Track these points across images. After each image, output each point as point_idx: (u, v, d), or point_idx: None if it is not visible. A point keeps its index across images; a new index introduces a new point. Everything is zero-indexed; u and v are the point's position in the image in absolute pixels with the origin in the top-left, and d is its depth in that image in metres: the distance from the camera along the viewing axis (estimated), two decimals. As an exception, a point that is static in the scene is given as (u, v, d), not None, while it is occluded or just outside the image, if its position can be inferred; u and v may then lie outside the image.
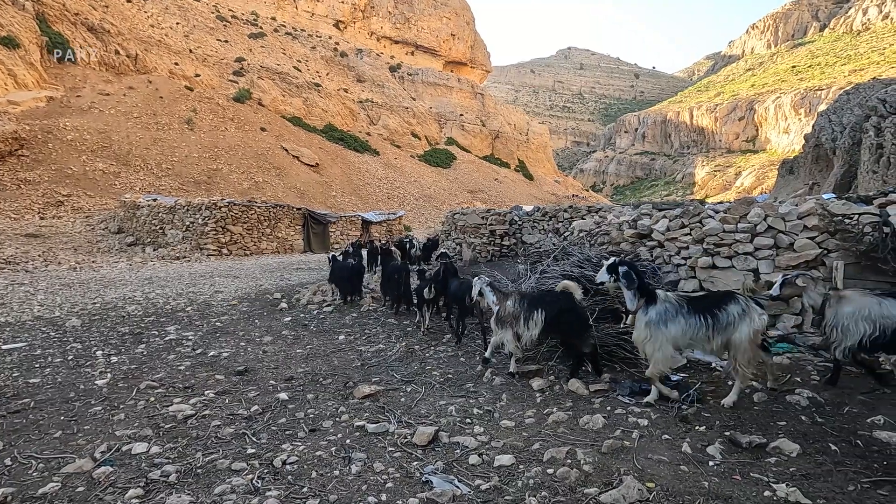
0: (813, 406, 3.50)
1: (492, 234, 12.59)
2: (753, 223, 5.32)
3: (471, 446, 3.22)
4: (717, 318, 3.48)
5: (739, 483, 2.64)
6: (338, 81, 57.35)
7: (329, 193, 37.21)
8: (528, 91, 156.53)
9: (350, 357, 5.48)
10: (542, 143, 74.45)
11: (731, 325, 3.45)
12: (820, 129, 34.57)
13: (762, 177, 78.62)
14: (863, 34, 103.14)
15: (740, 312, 3.45)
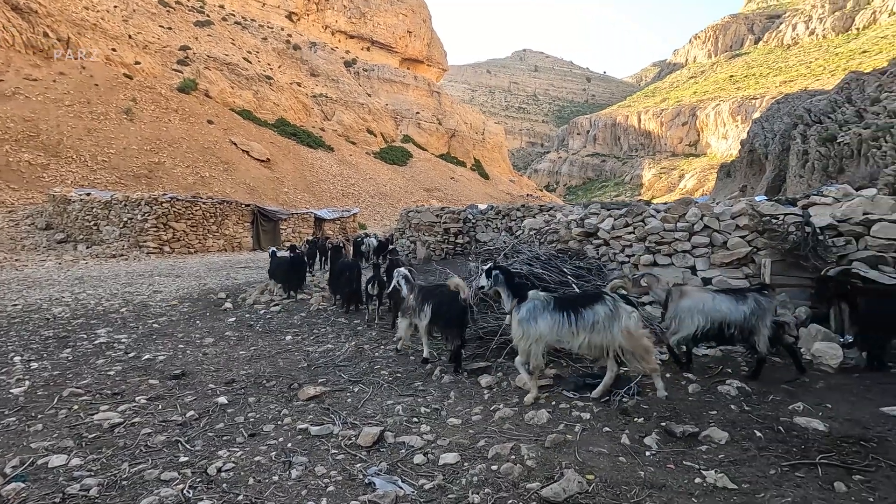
0: (741, 395, 3.70)
1: (446, 232, 12.61)
2: (691, 222, 5.58)
3: (416, 445, 3.18)
4: (582, 317, 3.57)
5: (673, 471, 2.74)
6: (290, 75, 55.75)
7: (281, 190, 36.15)
8: (484, 91, 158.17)
9: (296, 358, 5.31)
10: (497, 143, 75.41)
11: (598, 324, 3.53)
12: (754, 136, 36.97)
13: (703, 179, 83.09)
14: (792, 48, 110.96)
15: (608, 312, 3.53)
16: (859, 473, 2.63)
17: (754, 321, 3.85)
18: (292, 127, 47.63)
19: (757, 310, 3.86)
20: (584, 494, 2.54)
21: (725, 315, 3.92)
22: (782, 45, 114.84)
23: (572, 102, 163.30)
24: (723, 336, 3.97)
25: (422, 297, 4.77)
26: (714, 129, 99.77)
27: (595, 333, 3.52)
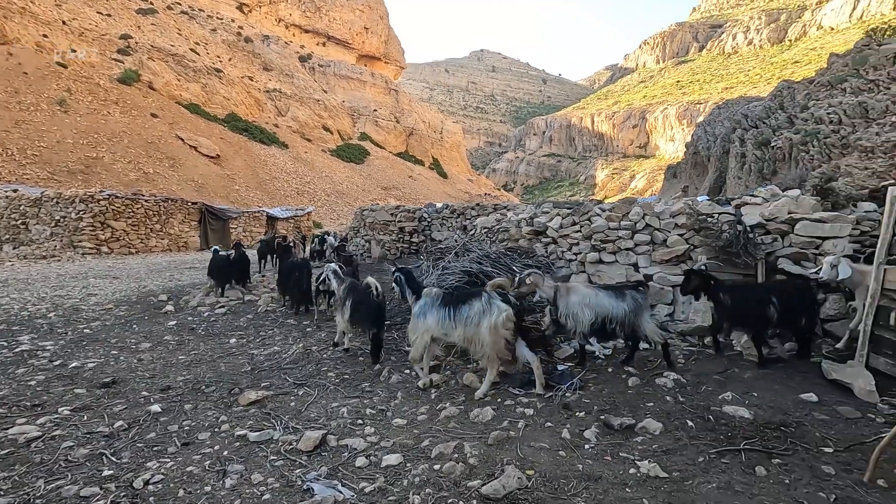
0: (677, 387, 3.86)
1: (401, 231, 12.53)
2: (634, 221, 5.78)
3: (359, 448, 3.13)
4: (459, 311, 3.84)
5: (609, 463, 2.82)
6: (242, 68, 53.86)
7: (232, 187, 34.87)
8: (442, 90, 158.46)
9: (240, 362, 5.12)
10: (456, 142, 75.75)
11: (472, 318, 3.77)
12: (697, 139, 38.89)
13: (653, 180, 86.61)
14: (732, 56, 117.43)
15: (481, 308, 3.76)
16: (778, 457, 2.79)
17: (633, 317, 4.12)
18: (244, 122, 46.07)
19: (635, 306, 4.13)
20: (524, 490, 2.57)
21: (609, 311, 4.15)
22: (724, 53, 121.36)
23: (529, 103, 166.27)
24: (605, 331, 4.20)
25: (345, 292, 5.08)
26: (662, 131, 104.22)
27: (468, 327, 3.77)
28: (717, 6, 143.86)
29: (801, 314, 4.32)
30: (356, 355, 5.19)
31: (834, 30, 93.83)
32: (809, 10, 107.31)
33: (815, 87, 25.25)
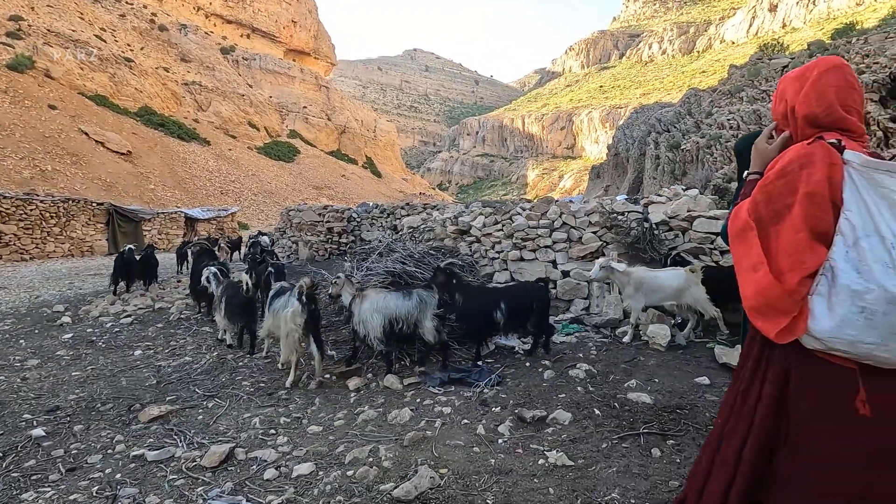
0: (588, 378, 4.05)
1: (330, 231, 12.23)
2: (552, 220, 6.01)
3: (270, 459, 2.99)
4: (273, 304, 4.58)
5: (521, 456, 2.89)
6: (156, 58, 50.09)
7: (146, 187, 32.33)
8: (375, 88, 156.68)
9: (144, 375, 4.74)
10: (390, 141, 75.15)
11: (277, 310, 4.47)
12: (618, 141, 41.29)
13: (579, 180, 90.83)
14: (649, 65, 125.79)
15: (283, 303, 4.41)
16: (672, 438, 3.00)
17: (417, 314, 4.23)
18: (160, 116, 42.88)
19: (420, 304, 4.27)
20: (436, 489, 2.57)
21: (394, 311, 4.27)
22: (641, 61, 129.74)
23: (462, 104, 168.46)
24: (396, 333, 4.28)
25: (221, 292, 5.49)
26: (588, 134, 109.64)
27: (274, 318, 4.45)
28: (635, 17, 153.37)
29: (531, 314, 4.58)
30: (275, 361, 4.98)
31: (734, 43, 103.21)
32: (714, 25, 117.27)
33: (717, 95, 27.62)
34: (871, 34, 22.85)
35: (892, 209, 1.35)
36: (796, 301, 1.41)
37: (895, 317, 1.30)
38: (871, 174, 1.38)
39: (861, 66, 15.94)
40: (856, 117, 1.53)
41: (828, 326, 1.36)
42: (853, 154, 1.40)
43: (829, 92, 1.52)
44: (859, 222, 1.36)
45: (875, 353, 1.34)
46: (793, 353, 1.46)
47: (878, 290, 1.31)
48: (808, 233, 1.40)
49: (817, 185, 1.40)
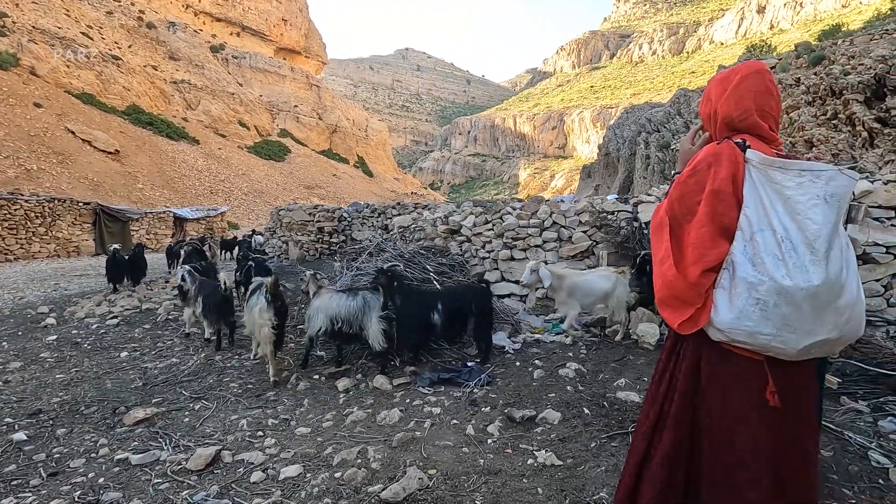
0: (577, 377, 4.06)
1: (320, 231, 12.15)
2: (542, 219, 6.01)
3: (257, 462, 2.96)
4: (250, 301, 4.73)
5: (510, 456, 2.88)
6: (144, 56, 49.52)
7: (134, 186, 31.97)
8: (367, 87, 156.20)
9: (130, 377, 4.68)
10: (381, 141, 74.94)
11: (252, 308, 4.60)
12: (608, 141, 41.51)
13: (571, 179, 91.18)
14: (639, 65, 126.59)
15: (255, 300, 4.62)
16: (661, 437, 3.01)
17: (360, 316, 4.26)
18: (148, 115, 42.42)
19: (364, 306, 4.28)
20: (424, 490, 2.55)
21: (335, 311, 4.31)
22: (632, 61, 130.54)
23: (454, 103, 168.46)
24: (336, 331, 4.33)
25: (196, 289, 5.64)
26: (579, 133, 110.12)
27: (250, 314, 4.59)
28: (625, 17, 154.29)
29: (470, 317, 4.44)
30: (263, 362, 4.93)
31: (723, 44, 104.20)
32: (703, 26, 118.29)
33: (706, 95, 27.83)
34: (857, 36, 23.15)
35: (785, 204, 1.39)
36: (699, 293, 1.46)
37: (786, 308, 1.34)
38: (767, 171, 1.42)
39: (847, 68, 16.14)
40: (770, 122, 1.57)
41: (728, 318, 1.41)
42: (753, 153, 1.45)
43: (747, 97, 1.56)
44: (755, 217, 1.41)
45: (772, 345, 1.38)
46: (703, 346, 1.51)
47: (769, 282, 1.35)
48: (712, 228, 1.45)
49: (722, 182, 1.45)
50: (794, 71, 21.55)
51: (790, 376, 1.43)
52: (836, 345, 1.45)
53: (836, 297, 1.35)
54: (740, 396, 1.45)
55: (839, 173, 1.39)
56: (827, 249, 1.35)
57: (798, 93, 18.13)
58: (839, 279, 1.35)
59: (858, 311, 1.40)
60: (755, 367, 1.43)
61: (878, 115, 14.20)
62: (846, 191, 1.40)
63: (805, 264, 1.34)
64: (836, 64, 17.55)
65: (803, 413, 1.47)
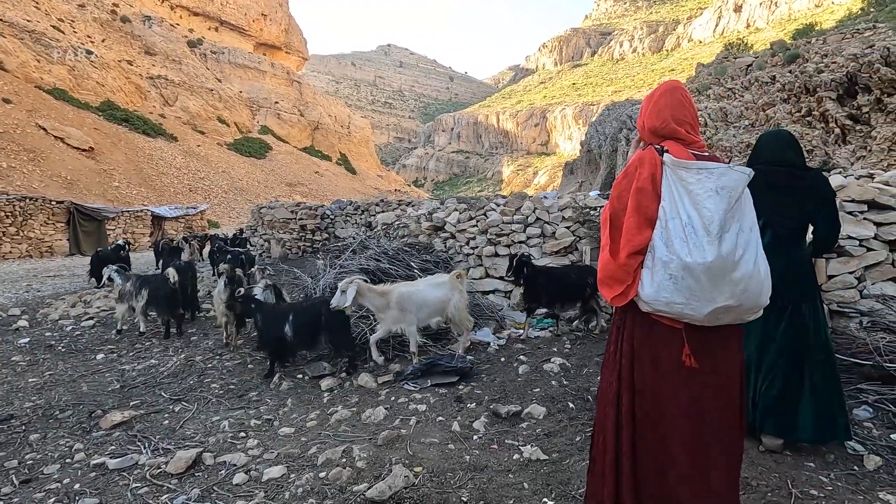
0: (562, 371, 4.08)
1: (303, 228, 12.00)
2: (525, 215, 6.02)
3: (239, 463, 2.91)
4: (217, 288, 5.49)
5: (496, 452, 2.89)
6: (119, 51, 48.23)
7: (110, 184, 31.17)
8: (349, 84, 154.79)
9: (107, 379, 4.56)
10: (364, 137, 74.39)
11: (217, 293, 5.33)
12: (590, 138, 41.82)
13: (554, 176, 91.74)
14: (620, 62, 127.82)
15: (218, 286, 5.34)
16: (644, 429, 3.04)
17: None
18: (123, 111, 41.36)
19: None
20: (410, 488, 2.54)
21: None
22: (613, 59, 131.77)
23: (437, 100, 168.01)
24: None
25: (140, 283, 5.91)
26: (561, 130, 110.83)
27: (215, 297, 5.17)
28: (606, 15, 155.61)
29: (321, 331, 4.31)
30: (245, 363, 4.85)
31: (702, 43, 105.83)
32: (682, 24, 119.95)
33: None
34: (830, 34, 23.73)
35: (689, 196, 1.69)
36: (628, 272, 1.76)
37: (690, 281, 1.64)
38: (677, 171, 1.73)
39: (820, 66, 16.54)
40: (686, 128, 1.87)
41: (649, 291, 1.72)
42: (668, 156, 1.76)
43: (665, 109, 1.88)
44: (668, 208, 1.72)
45: (684, 312, 1.67)
46: (637, 317, 1.82)
47: (677, 260, 1.66)
48: (638, 218, 1.76)
49: (644, 181, 1.77)
50: (770, 69, 21.99)
51: (706, 341, 1.72)
52: (740, 312, 1.70)
53: (729, 271, 1.63)
54: (664, 356, 1.75)
55: (729, 170, 1.71)
56: (719, 232, 1.64)
57: (774, 90, 18.52)
58: (731, 256, 1.63)
59: (755, 282, 1.67)
60: (675, 334, 1.73)
61: (850, 112, 14.59)
62: (736, 184, 1.69)
63: (703, 244, 1.64)
64: (811, 62, 17.96)
65: (723, 369, 1.76)
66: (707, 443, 1.74)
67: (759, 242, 1.72)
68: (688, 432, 1.73)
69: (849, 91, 14.83)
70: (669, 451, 1.75)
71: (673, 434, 1.74)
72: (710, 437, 1.74)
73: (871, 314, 4.03)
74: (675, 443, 1.74)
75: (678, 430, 1.74)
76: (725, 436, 1.77)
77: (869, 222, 4.16)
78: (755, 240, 1.71)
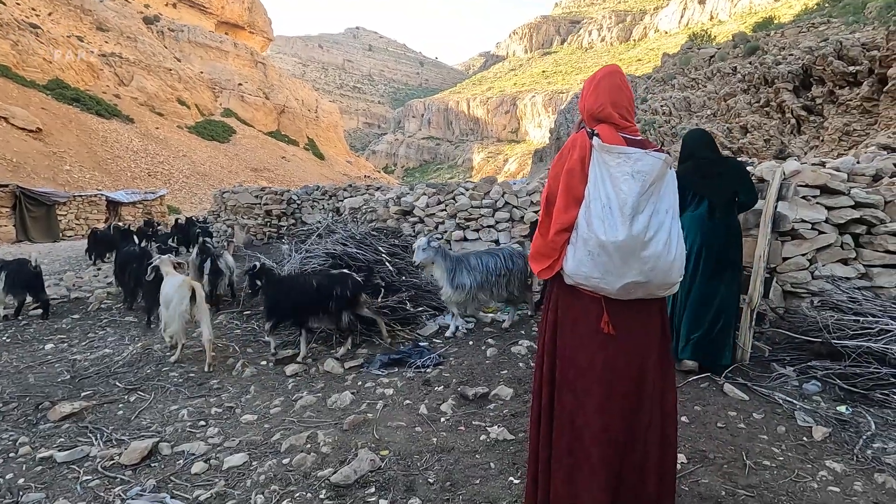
0: (529, 353, 4.11)
1: (268, 214, 11.70)
2: (494, 199, 6.02)
3: (199, 452, 2.81)
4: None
5: (463, 433, 2.88)
6: (67, 26, 45.42)
7: (60, 167, 29.53)
8: (316, 67, 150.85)
9: (56, 370, 4.33)
10: (332, 122, 72.84)
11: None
12: (560, 125, 42.25)
13: (523, 163, 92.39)
14: (589, 51, 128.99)
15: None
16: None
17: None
18: (74, 91, 39.11)
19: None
20: (376, 472, 2.51)
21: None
22: (581, 47, 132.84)
23: (407, 85, 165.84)
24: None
25: None
26: (531, 118, 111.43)
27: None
28: (575, 3, 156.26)
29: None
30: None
31: (667, 34, 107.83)
32: (649, 15, 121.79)
33: (652, 82, 28.79)
34: (787, 28, 24.52)
35: (611, 179, 1.78)
36: (554, 248, 1.89)
37: (604, 257, 1.75)
38: (602, 154, 1.81)
39: (778, 58, 17.09)
40: (621, 111, 1.92)
41: (571, 265, 1.84)
42: (596, 140, 1.83)
43: (603, 93, 1.93)
44: (592, 189, 1.81)
45: (600, 286, 1.79)
46: (560, 288, 1.94)
47: (594, 238, 1.76)
48: (567, 198, 1.86)
49: (574, 163, 1.86)
50: (732, 60, 22.59)
51: (624, 312, 1.83)
52: (650, 287, 1.80)
53: (639, 250, 1.73)
54: (584, 324, 1.86)
55: (645, 155, 1.79)
56: (632, 213, 1.73)
57: (734, 81, 19.04)
58: (641, 236, 1.73)
59: (663, 262, 1.76)
60: (596, 303, 1.84)
61: (805, 103, 15.17)
62: (651, 168, 1.77)
63: (616, 224, 1.74)
64: (769, 54, 18.55)
65: (638, 341, 1.86)
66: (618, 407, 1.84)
67: (675, 226, 1.81)
68: (601, 396, 1.83)
69: (804, 83, 15.40)
70: (586, 413, 1.84)
71: (588, 397, 1.84)
72: (620, 402, 1.84)
73: (820, 294, 4.21)
74: (589, 405, 1.83)
75: (593, 394, 1.83)
76: (635, 402, 1.86)
77: (821, 206, 4.32)
78: (670, 223, 1.79)
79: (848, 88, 13.90)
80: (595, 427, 1.83)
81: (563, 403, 1.90)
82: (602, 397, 1.84)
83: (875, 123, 13.00)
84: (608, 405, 1.84)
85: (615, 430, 1.84)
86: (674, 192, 1.87)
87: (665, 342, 1.95)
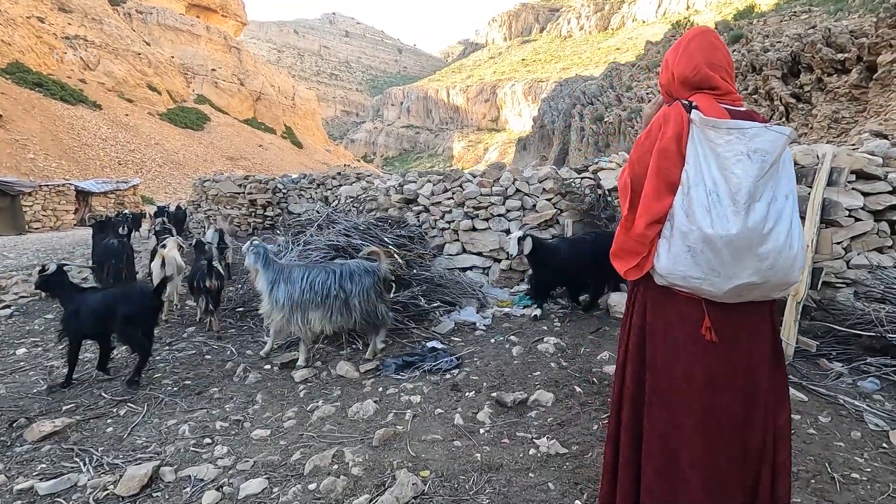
0: (558, 351, 3.83)
1: (252, 204, 11.12)
2: (504, 187, 5.69)
3: (208, 477, 2.44)
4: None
5: (508, 447, 2.58)
6: (27, 6, 42.93)
7: (23, 156, 28.02)
8: (292, 53, 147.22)
9: (31, 379, 3.86)
10: (310, 110, 71.22)
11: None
12: (543, 113, 42.07)
13: (504, 152, 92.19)
14: (568, 39, 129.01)
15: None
16: (661, 413, 2.83)
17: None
18: (36, 75, 37.11)
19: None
20: (421, 497, 2.19)
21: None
22: (561, 36, 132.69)
23: (385, 73, 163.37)
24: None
25: None
26: (511, 106, 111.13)
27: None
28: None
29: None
30: (202, 354, 4.28)
31: (645, 23, 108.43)
32: (627, 4, 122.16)
33: (636, 69, 28.76)
34: (769, 16, 24.70)
35: (717, 160, 1.49)
36: (643, 243, 1.61)
37: (710, 254, 1.47)
38: (704, 130, 1.51)
39: (766, 45, 17.11)
40: (721, 73, 1.62)
41: (665, 263, 1.56)
42: (696, 113, 1.53)
43: (695, 54, 1.64)
44: (692, 173, 1.52)
45: (702, 287, 1.52)
46: (649, 289, 1.67)
47: (697, 231, 1.48)
48: (657, 183, 1.57)
49: (668, 141, 1.56)
50: (717, 47, 22.64)
51: (729, 316, 1.55)
52: (766, 289, 1.52)
53: (756, 245, 1.45)
54: (680, 330, 1.60)
55: (765, 129, 1.48)
56: (748, 201, 1.45)
57: (722, 68, 19.05)
58: (758, 228, 1.44)
59: (784, 258, 1.47)
60: (695, 304, 1.57)
61: (794, 90, 15.22)
62: (772, 146, 1.47)
63: (727, 214, 1.45)
64: (755, 41, 18.56)
65: (747, 350, 1.57)
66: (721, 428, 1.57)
67: (795, 214, 1.52)
68: (702, 413, 1.57)
69: (792, 70, 15.44)
70: (683, 433, 1.58)
71: (686, 415, 1.58)
72: (724, 422, 1.57)
73: (855, 283, 4.03)
74: (688, 424, 1.57)
75: (692, 412, 1.57)
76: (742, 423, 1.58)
77: (857, 192, 4.13)
78: (791, 211, 1.51)
79: (836, 76, 13.97)
80: (695, 449, 1.57)
81: (653, 421, 1.63)
82: (702, 415, 1.56)
83: (864, 111, 13.10)
84: (710, 425, 1.56)
85: (718, 455, 1.57)
86: (791, 172, 1.58)
87: (777, 351, 1.66)
